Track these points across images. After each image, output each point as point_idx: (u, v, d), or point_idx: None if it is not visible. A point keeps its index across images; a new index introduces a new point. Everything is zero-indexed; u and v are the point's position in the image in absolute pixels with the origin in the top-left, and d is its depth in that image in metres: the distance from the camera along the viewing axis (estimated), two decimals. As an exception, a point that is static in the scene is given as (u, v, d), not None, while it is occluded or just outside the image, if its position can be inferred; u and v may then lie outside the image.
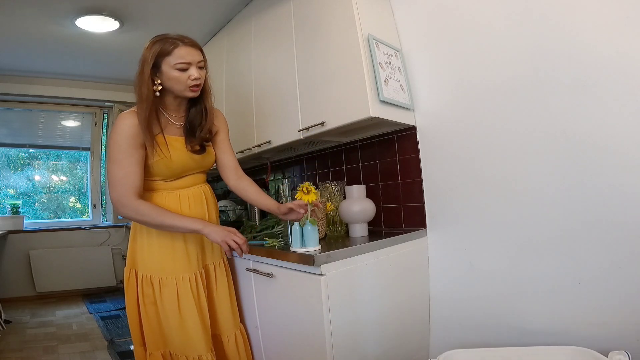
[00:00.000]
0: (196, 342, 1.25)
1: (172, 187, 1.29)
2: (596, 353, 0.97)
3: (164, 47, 1.16)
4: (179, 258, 1.27)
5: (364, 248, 1.26)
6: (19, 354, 2.13)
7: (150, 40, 1.19)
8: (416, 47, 1.54)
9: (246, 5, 2.12)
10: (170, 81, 1.18)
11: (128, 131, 1.15)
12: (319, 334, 1.14)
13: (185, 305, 1.25)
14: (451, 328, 1.45)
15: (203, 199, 1.35)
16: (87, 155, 3.96)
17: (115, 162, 1.15)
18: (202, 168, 1.36)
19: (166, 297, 1.24)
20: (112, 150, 1.16)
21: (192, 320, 1.25)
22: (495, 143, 1.31)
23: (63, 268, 3.52)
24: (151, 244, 1.26)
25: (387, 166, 1.67)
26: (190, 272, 1.28)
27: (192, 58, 1.18)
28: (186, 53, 1.17)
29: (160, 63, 1.17)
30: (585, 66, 1.08)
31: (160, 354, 1.26)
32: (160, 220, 1.17)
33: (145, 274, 1.26)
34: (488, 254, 1.34)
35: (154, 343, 1.26)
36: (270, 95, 1.84)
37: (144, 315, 1.26)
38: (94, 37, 2.51)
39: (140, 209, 1.16)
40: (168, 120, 1.26)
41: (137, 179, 1.17)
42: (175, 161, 1.24)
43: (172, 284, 1.25)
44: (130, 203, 1.15)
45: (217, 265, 1.40)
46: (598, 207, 1.08)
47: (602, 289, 1.09)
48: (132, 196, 1.16)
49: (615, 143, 1.05)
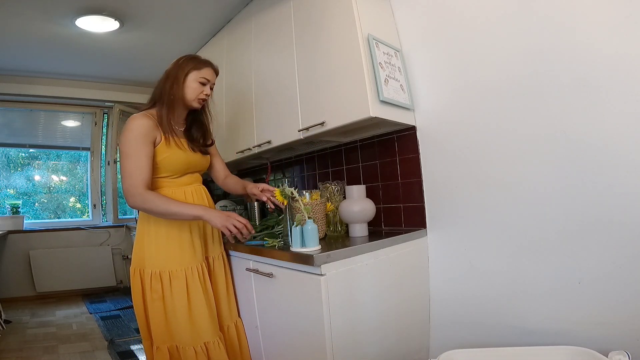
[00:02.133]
0: (204, 330, 1.33)
1: (177, 184, 1.40)
2: (596, 353, 0.97)
3: (198, 64, 1.39)
4: (186, 249, 1.36)
5: (364, 248, 1.26)
6: (19, 354, 2.13)
7: (184, 56, 1.42)
8: (416, 47, 1.54)
9: (246, 5, 2.12)
10: (187, 89, 1.38)
11: (139, 129, 1.28)
12: (319, 334, 1.14)
13: (194, 295, 1.33)
14: (451, 328, 1.45)
15: (203, 196, 1.47)
16: (87, 155, 3.96)
17: (127, 157, 1.27)
18: (200, 168, 1.50)
19: (176, 290, 1.31)
20: (124, 146, 1.28)
21: (200, 310, 1.33)
22: (496, 143, 1.31)
23: (63, 268, 3.52)
24: (159, 239, 1.34)
25: (387, 166, 1.67)
26: (197, 263, 1.38)
27: (212, 78, 1.44)
28: (210, 74, 1.42)
29: (189, 74, 1.37)
30: (585, 66, 1.08)
31: (166, 347, 1.33)
32: (166, 207, 1.27)
33: (154, 270, 1.33)
34: (488, 254, 1.34)
35: (160, 337, 1.33)
36: (270, 95, 1.84)
37: (151, 311, 1.33)
38: (94, 37, 2.51)
39: (147, 197, 1.26)
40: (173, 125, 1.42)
41: (146, 171, 1.28)
42: (182, 157, 1.38)
43: (181, 276, 1.33)
44: (139, 192, 1.26)
45: (216, 258, 1.49)
46: (598, 207, 1.08)
47: (602, 289, 1.09)
48: (141, 186, 1.26)
49: (615, 143, 1.05)
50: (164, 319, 1.32)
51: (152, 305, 1.32)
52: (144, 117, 1.30)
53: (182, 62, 1.38)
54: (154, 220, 1.35)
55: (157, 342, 1.33)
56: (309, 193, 1.44)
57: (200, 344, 1.32)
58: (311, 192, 1.46)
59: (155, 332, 1.33)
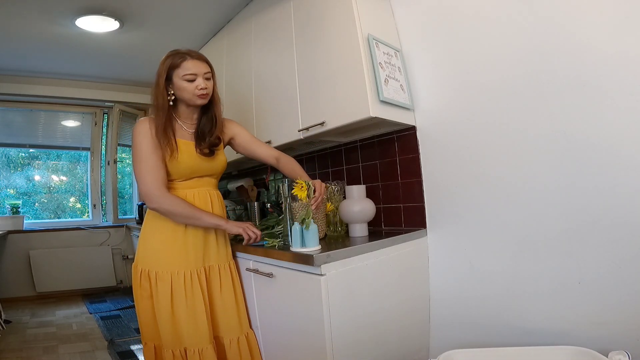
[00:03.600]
0: (185, 336, 1.29)
1: (180, 187, 1.36)
2: (596, 353, 0.97)
3: (174, 61, 1.29)
4: (176, 254, 1.33)
5: (364, 248, 1.26)
6: (19, 354, 2.13)
7: (165, 56, 1.33)
8: (416, 47, 1.54)
9: (246, 5, 2.12)
10: (180, 91, 1.31)
11: (148, 132, 1.28)
12: (319, 334, 1.14)
13: (177, 300, 1.30)
14: (451, 328, 1.45)
15: (208, 200, 1.41)
16: (87, 155, 3.96)
17: (141, 160, 1.26)
18: (211, 171, 1.43)
19: (161, 291, 1.30)
20: (136, 150, 1.28)
21: (181, 315, 1.30)
22: (496, 143, 1.31)
23: (63, 268, 3.52)
24: (153, 239, 1.34)
25: (387, 166, 1.67)
26: (187, 269, 1.33)
27: (198, 70, 1.30)
28: (192, 65, 1.29)
29: (172, 75, 1.30)
30: (585, 65, 1.08)
31: (153, 345, 1.35)
32: (188, 212, 1.27)
33: (144, 268, 1.33)
34: (488, 254, 1.34)
35: (148, 334, 1.36)
36: (270, 95, 1.85)
37: (141, 307, 1.35)
38: (94, 37, 2.51)
39: (170, 199, 1.27)
40: (181, 127, 1.38)
41: (162, 172, 1.28)
42: (183, 162, 1.33)
43: (166, 278, 1.30)
44: (160, 193, 1.25)
45: (222, 267, 1.42)
46: (598, 206, 1.08)
47: (602, 289, 1.09)
48: (161, 187, 1.26)
49: (615, 143, 1.05)
50: (152, 317, 1.33)
51: (142, 303, 1.34)
52: (148, 121, 1.31)
53: (160, 65, 1.31)
54: (152, 220, 1.35)
55: (145, 338, 1.37)
56: None
57: (180, 349, 1.29)
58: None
59: (143, 329, 1.36)
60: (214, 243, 1.40)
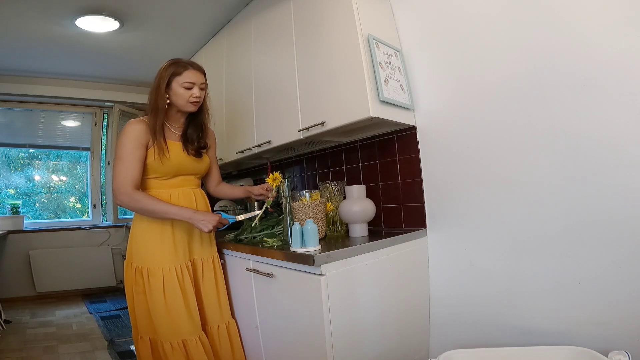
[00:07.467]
0: (182, 328, 1.38)
1: (165, 185, 1.45)
2: (596, 353, 0.97)
3: (177, 69, 1.40)
4: (166, 250, 1.41)
5: (364, 248, 1.26)
6: (19, 354, 2.13)
7: (166, 62, 1.43)
8: (416, 47, 1.54)
9: (246, 5, 2.12)
10: (176, 96, 1.41)
11: (133, 134, 1.36)
12: (319, 334, 1.14)
13: (170, 293, 1.37)
14: (451, 328, 1.45)
15: (192, 199, 1.49)
16: (87, 155, 3.96)
17: (119, 159, 1.35)
18: (196, 171, 1.54)
19: (154, 286, 1.37)
20: (118, 149, 1.37)
21: (177, 308, 1.38)
22: (496, 142, 1.31)
23: (63, 268, 3.52)
24: (143, 238, 1.42)
25: (387, 166, 1.67)
26: (177, 264, 1.42)
27: (197, 80, 1.42)
28: (193, 75, 1.41)
29: (172, 81, 1.40)
30: (585, 65, 1.08)
31: (149, 338, 1.43)
32: (153, 207, 1.35)
33: (138, 265, 1.41)
34: (488, 254, 1.34)
35: (144, 329, 1.43)
36: (270, 95, 1.84)
37: (136, 303, 1.42)
38: (94, 37, 2.51)
39: (134, 196, 1.34)
40: (169, 129, 1.47)
41: (135, 172, 1.35)
42: (173, 159, 1.43)
43: (158, 274, 1.38)
44: (127, 191, 1.33)
45: (204, 260, 1.52)
46: (598, 206, 1.08)
47: (602, 288, 1.09)
48: (129, 186, 1.33)
49: (615, 142, 1.05)
50: (147, 312, 1.40)
51: (137, 298, 1.41)
52: (138, 123, 1.38)
53: (162, 71, 1.41)
54: (139, 219, 1.43)
55: (141, 332, 1.44)
56: (309, 193, 1.44)
57: (178, 341, 1.37)
58: (311, 192, 1.46)
59: (139, 323, 1.43)
60: (198, 238, 1.50)
